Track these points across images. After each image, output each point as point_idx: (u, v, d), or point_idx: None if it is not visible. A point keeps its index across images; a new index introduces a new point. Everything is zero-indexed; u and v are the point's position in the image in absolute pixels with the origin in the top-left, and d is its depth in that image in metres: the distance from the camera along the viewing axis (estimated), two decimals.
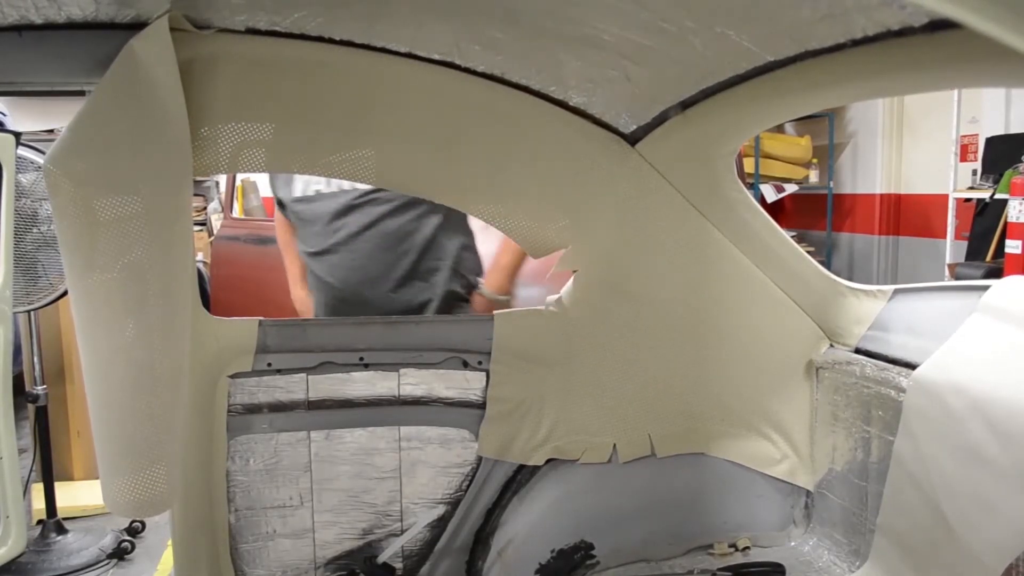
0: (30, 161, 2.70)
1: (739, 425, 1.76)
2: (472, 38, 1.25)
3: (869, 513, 1.58)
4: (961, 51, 0.90)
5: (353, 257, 1.92)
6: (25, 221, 2.71)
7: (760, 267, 1.67)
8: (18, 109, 3.58)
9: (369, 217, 1.91)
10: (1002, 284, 1.45)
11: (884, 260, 6.79)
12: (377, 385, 1.56)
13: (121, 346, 1.22)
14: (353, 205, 1.91)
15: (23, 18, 1.10)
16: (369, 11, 1.17)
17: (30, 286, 2.77)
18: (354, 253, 1.92)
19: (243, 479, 1.51)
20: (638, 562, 1.75)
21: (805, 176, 6.84)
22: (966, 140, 5.83)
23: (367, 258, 1.91)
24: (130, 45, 1.11)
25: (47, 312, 3.12)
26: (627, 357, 1.68)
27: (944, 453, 1.36)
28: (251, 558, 1.54)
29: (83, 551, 2.99)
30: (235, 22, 1.20)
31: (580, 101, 1.45)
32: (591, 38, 1.18)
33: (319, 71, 1.30)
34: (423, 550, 1.64)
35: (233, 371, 1.48)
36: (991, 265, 4.85)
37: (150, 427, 1.27)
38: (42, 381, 3.05)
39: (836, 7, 0.94)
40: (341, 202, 1.92)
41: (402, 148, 1.42)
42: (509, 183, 1.51)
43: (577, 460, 1.68)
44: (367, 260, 1.91)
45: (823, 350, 1.72)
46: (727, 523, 1.79)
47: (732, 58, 1.17)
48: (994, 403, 1.28)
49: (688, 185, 1.59)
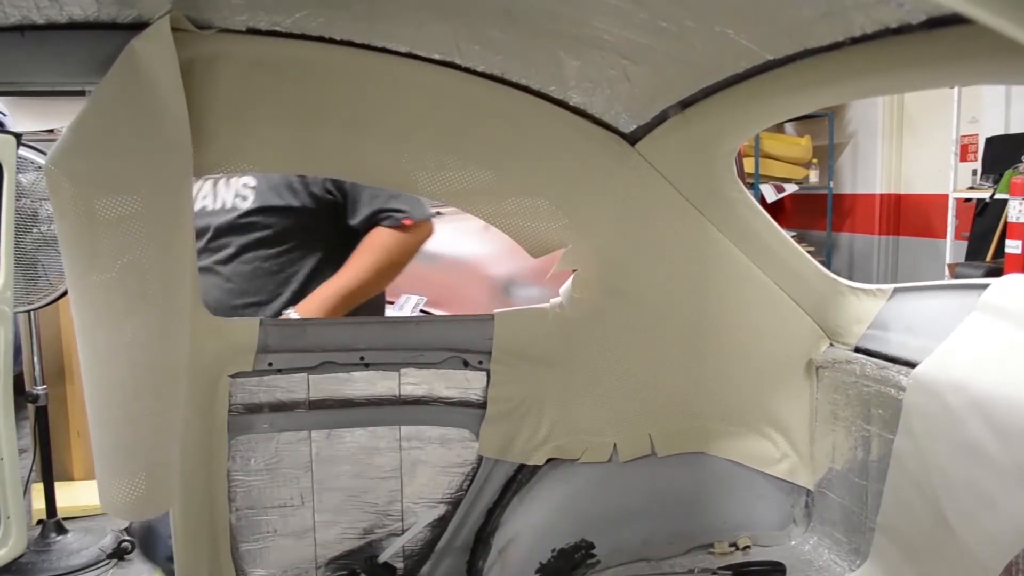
0: (30, 161, 2.70)
1: (739, 424, 1.76)
2: (472, 38, 1.25)
3: (869, 512, 1.58)
4: (960, 48, 0.90)
5: (229, 278, 1.87)
6: (25, 221, 2.71)
7: (760, 266, 1.68)
8: (19, 109, 3.58)
9: (249, 239, 1.86)
10: (1001, 283, 1.45)
11: (884, 260, 6.80)
12: (378, 385, 1.56)
13: (121, 346, 1.22)
14: (235, 225, 1.86)
15: (25, 18, 1.10)
16: (369, 11, 1.17)
17: (30, 286, 2.77)
18: (231, 275, 1.87)
19: (244, 479, 1.51)
20: (639, 561, 1.75)
21: (805, 176, 6.85)
22: (966, 140, 5.84)
23: (247, 281, 1.87)
24: (131, 45, 1.12)
25: (47, 312, 3.12)
26: (627, 356, 1.68)
27: (944, 451, 1.36)
28: (252, 558, 1.54)
29: (83, 551, 2.99)
30: (236, 22, 1.21)
31: (580, 101, 1.45)
32: (591, 38, 1.19)
33: (319, 71, 1.30)
34: (424, 550, 1.64)
35: (234, 371, 1.48)
36: (991, 265, 4.86)
37: (150, 427, 1.27)
38: (42, 381, 3.05)
39: (835, 5, 0.94)
40: (223, 220, 1.86)
41: (402, 148, 1.43)
42: (509, 183, 1.52)
43: (577, 459, 1.68)
44: (247, 283, 1.87)
45: (823, 349, 1.72)
46: (727, 522, 1.79)
47: (731, 57, 1.17)
48: (993, 401, 1.29)
49: (688, 184, 1.59)
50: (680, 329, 1.70)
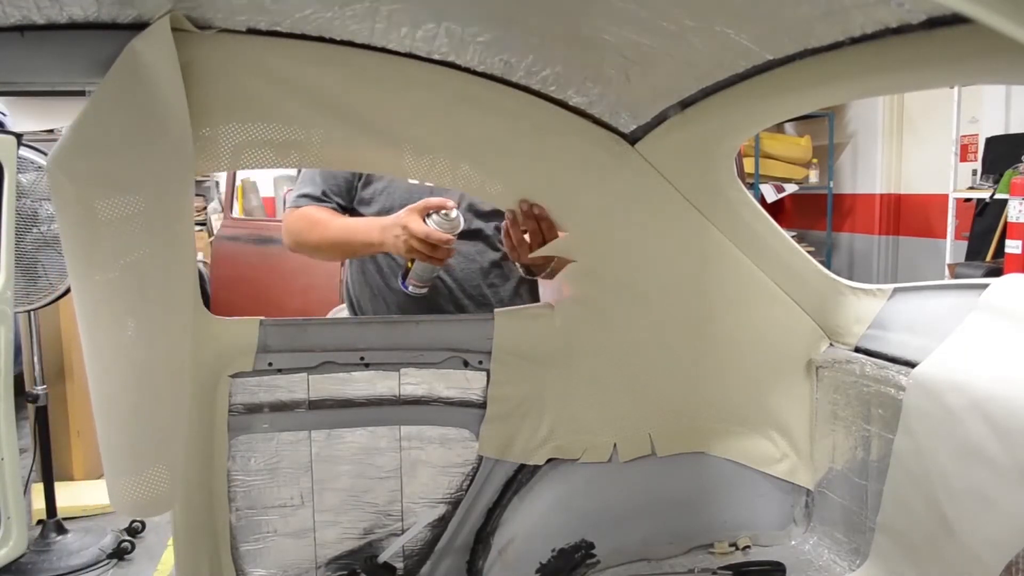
0: (31, 161, 2.71)
1: (739, 424, 1.76)
2: (472, 38, 1.25)
3: (869, 511, 1.58)
4: (960, 48, 0.90)
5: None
6: (25, 221, 2.72)
7: (760, 266, 1.68)
8: (19, 109, 3.59)
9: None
10: (1001, 282, 1.45)
11: (884, 260, 6.80)
12: (378, 385, 1.56)
13: (122, 345, 1.22)
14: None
15: (25, 18, 1.10)
16: (369, 11, 1.17)
17: (30, 286, 2.77)
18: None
19: (244, 479, 1.51)
20: (639, 561, 1.75)
21: (805, 176, 6.85)
22: (966, 140, 5.84)
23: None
24: (132, 45, 1.12)
25: (47, 312, 3.12)
26: (627, 357, 1.68)
27: (944, 451, 1.36)
28: (252, 558, 1.54)
29: (83, 551, 3.00)
30: (236, 22, 1.21)
31: (580, 101, 1.45)
32: (591, 38, 1.19)
33: (320, 71, 1.31)
34: (424, 550, 1.64)
35: (234, 371, 1.48)
36: (991, 265, 4.86)
37: (151, 426, 1.28)
38: (42, 381, 3.05)
39: (835, 5, 0.94)
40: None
41: (402, 147, 1.43)
42: (509, 183, 1.52)
43: (577, 460, 1.68)
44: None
45: (823, 349, 1.72)
46: (727, 522, 1.79)
47: (731, 57, 1.18)
48: (993, 400, 1.29)
49: (688, 184, 1.59)
50: (680, 329, 1.70)
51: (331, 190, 1.83)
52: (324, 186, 1.83)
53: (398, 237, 1.60)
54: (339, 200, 1.84)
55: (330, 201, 1.83)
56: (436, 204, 1.59)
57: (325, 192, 1.83)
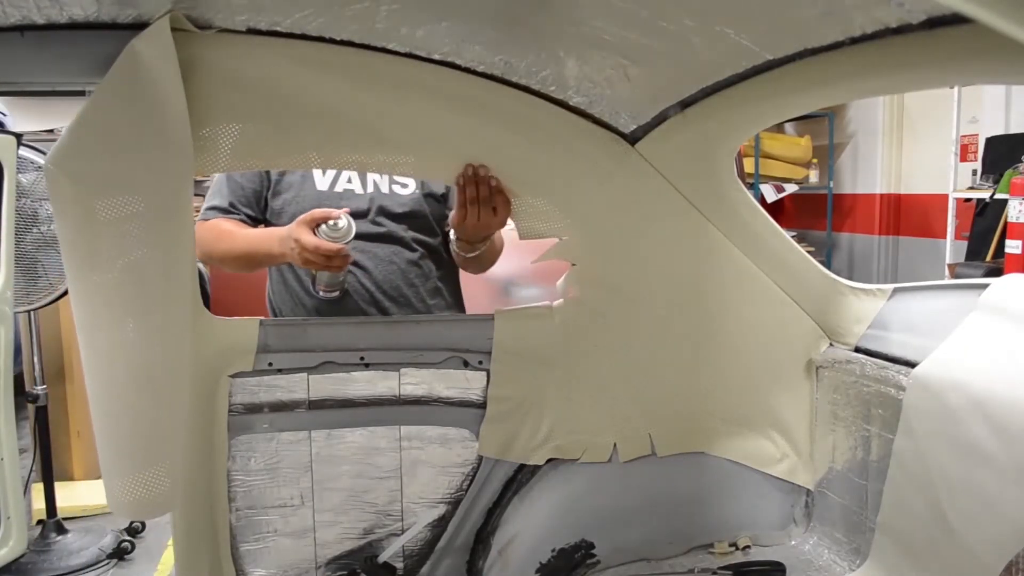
0: (31, 161, 2.71)
1: (739, 424, 1.76)
2: (472, 38, 1.25)
3: (869, 511, 1.58)
4: (960, 48, 0.90)
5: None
6: (25, 221, 2.72)
7: (760, 266, 1.68)
8: (19, 109, 3.59)
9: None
10: (1001, 282, 1.46)
11: (884, 260, 6.80)
12: (378, 385, 1.56)
13: (121, 346, 1.22)
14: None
15: (25, 18, 1.10)
16: (369, 11, 1.17)
17: (30, 286, 2.77)
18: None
19: (244, 479, 1.51)
20: (639, 561, 1.75)
21: (805, 176, 6.84)
22: (966, 140, 5.83)
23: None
24: (132, 45, 1.12)
25: (47, 312, 3.12)
26: (627, 357, 1.68)
27: (944, 451, 1.36)
28: (252, 558, 1.54)
29: (83, 551, 2.99)
30: (236, 22, 1.21)
31: (580, 101, 1.45)
32: (591, 38, 1.19)
33: (319, 71, 1.30)
34: (424, 550, 1.64)
35: (234, 371, 1.48)
36: (991, 265, 4.86)
37: (151, 427, 1.27)
38: (42, 381, 3.05)
39: (835, 5, 0.94)
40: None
41: (401, 147, 1.43)
42: (508, 182, 1.52)
43: (577, 460, 1.68)
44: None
45: (823, 349, 1.72)
46: (727, 522, 1.79)
47: (731, 57, 1.18)
48: (993, 400, 1.29)
49: (688, 184, 1.59)
50: (680, 329, 1.70)
51: (239, 201, 1.81)
52: (232, 197, 1.80)
53: (293, 249, 1.59)
54: (248, 211, 1.82)
55: (238, 212, 1.81)
56: (321, 216, 1.57)
57: (232, 204, 1.80)
